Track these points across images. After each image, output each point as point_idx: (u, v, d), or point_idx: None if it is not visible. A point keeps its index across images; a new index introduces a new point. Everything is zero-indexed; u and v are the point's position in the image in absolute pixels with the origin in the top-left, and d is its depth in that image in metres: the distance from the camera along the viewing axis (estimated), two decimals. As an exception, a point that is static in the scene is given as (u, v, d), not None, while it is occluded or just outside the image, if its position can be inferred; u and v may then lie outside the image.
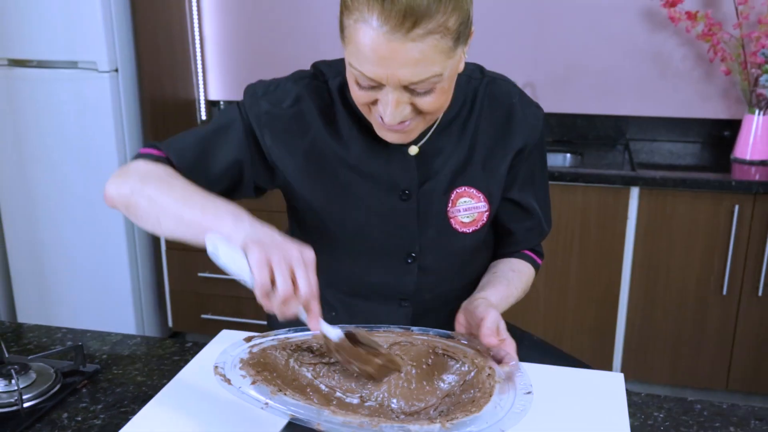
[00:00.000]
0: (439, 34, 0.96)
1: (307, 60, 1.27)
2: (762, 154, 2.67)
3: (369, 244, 1.23)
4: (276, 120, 1.18)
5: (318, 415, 0.88)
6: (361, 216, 1.22)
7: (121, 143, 2.82)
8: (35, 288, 3.06)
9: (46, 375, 1.16)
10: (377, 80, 1.00)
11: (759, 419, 1.08)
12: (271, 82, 1.21)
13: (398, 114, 1.03)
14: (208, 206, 1.00)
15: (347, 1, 0.98)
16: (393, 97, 1.01)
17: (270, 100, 1.18)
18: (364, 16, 0.95)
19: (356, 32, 0.97)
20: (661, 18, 2.86)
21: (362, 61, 0.99)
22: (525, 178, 1.28)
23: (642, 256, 2.57)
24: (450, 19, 0.96)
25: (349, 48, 1.01)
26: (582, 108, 3.06)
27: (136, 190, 1.06)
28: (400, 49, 0.95)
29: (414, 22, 0.93)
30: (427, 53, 0.97)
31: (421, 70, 0.98)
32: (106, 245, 2.92)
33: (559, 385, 1.13)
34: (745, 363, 2.61)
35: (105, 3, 2.68)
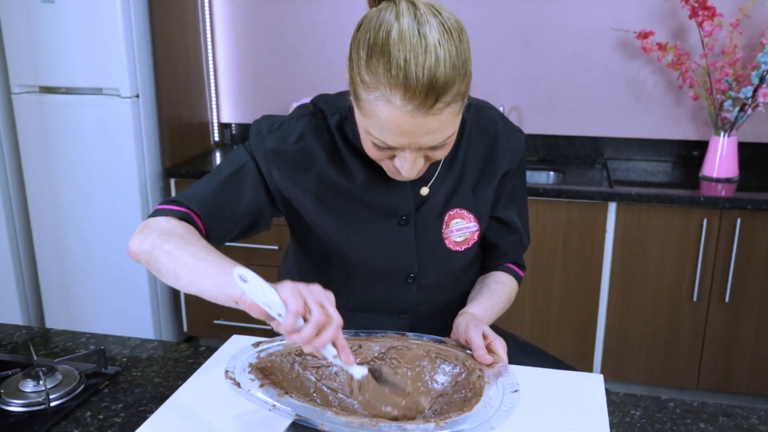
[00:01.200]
0: (453, 104, 0.96)
1: (310, 87, 1.28)
2: (727, 173, 2.67)
3: (372, 266, 1.23)
4: (282, 156, 1.16)
5: (321, 416, 0.87)
6: (364, 242, 1.21)
7: (141, 162, 2.82)
8: (62, 296, 3.05)
9: (71, 376, 1.16)
10: (398, 147, 0.99)
11: (726, 416, 1.08)
12: (275, 120, 1.18)
13: (415, 169, 1.03)
14: (224, 265, 0.96)
15: (365, 78, 0.95)
16: (411, 157, 1.01)
17: (275, 137, 1.16)
18: (386, 95, 0.93)
19: (377, 108, 0.95)
20: (634, 48, 2.88)
21: (384, 134, 0.97)
22: (508, 197, 1.28)
23: (619, 265, 2.57)
24: (462, 86, 0.96)
25: (368, 119, 0.98)
26: (564, 130, 3.07)
27: (156, 245, 1.03)
28: (422, 122, 0.94)
29: (435, 98, 0.92)
30: (445, 121, 0.97)
31: (439, 136, 0.98)
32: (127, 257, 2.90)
33: (544, 385, 1.13)
34: (713, 364, 2.60)
35: (128, 35, 2.69)
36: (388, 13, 0.94)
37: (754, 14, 2.68)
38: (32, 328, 1.40)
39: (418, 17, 0.92)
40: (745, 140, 2.87)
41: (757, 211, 2.42)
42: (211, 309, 2.97)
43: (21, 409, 1.08)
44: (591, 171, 2.91)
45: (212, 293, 0.95)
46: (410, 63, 0.90)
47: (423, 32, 0.91)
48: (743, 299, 2.52)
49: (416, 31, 0.91)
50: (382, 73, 0.92)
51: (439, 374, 1.02)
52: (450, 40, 0.93)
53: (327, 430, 0.86)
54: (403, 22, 0.92)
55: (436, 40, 0.91)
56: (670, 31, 2.85)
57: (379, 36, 0.93)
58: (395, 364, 1.04)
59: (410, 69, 0.90)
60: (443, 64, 0.91)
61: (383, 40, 0.92)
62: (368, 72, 0.94)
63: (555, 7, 2.93)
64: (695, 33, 2.75)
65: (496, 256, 1.35)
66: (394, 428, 0.84)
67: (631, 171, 2.84)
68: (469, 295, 1.30)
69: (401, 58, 0.90)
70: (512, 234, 1.32)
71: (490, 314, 1.23)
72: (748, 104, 2.60)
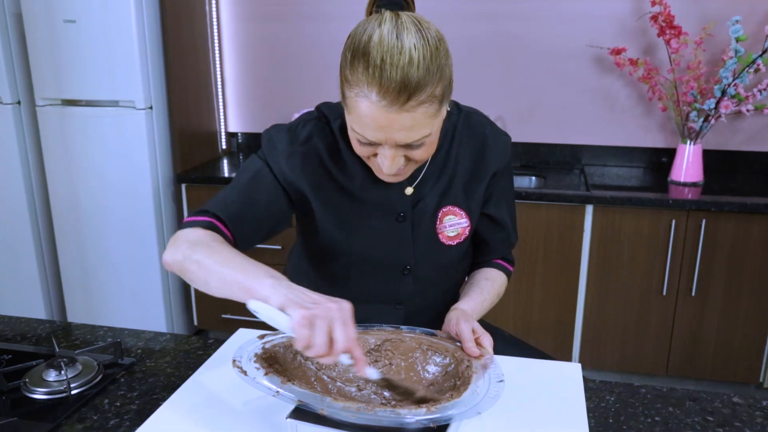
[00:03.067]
0: (428, 103, 0.96)
1: (310, 98, 1.28)
2: (693, 177, 2.68)
3: (370, 259, 1.23)
4: (292, 157, 1.16)
5: (321, 401, 0.87)
6: (364, 237, 1.21)
7: (154, 168, 2.82)
8: (81, 293, 3.04)
9: (90, 367, 1.15)
10: (377, 142, 1.00)
11: (692, 400, 1.08)
12: (283, 127, 1.20)
13: (395, 166, 1.03)
14: (248, 269, 0.97)
15: (348, 76, 0.97)
16: (390, 154, 1.01)
17: (284, 141, 1.17)
18: (364, 91, 0.95)
19: (357, 104, 0.97)
20: (608, 63, 2.89)
21: (363, 128, 0.99)
22: (498, 196, 1.29)
23: (596, 262, 2.58)
24: (437, 89, 0.97)
25: (351, 115, 1.00)
26: (544, 138, 3.08)
27: (186, 256, 1.03)
28: (396, 118, 0.96)
29: (408, 96, 0.94)
30: (419, 119, 0.97)
31: (414, 133, 0.98)
32: (141, 256, 2.91)
33: (527, 374, 1.13)
34: (681, 352, 2.61)
35: (142, 52, 2.69)
36: (374, 21, 0.97)
37: (716, 33, 2.70)
38: (54, 322, 1.39)
39: (398, 25, 0.95)
40: (708, 148, 2.89)
41: (720, 212, 2.42)
42: (220, 304, 2.96)
43: (44, 396, 1.08)
44: (569, 176, 2.91)
45: (240, 297, 0.96)
46: (386, 62, 0.93)
47: (401, 37, 0.94)
48: (708, 293, 2.53)
49: (394, 36, 0.94)
50: (361, 72, 0.94)
51: (430, 365, 1.02)
52: (426, 46, 0.95)
53: (326, 415, 0.86)
54: (384, 28, 0.95)
55: (412, 44, 0.94)
56: (640, 48, 2.86)
57: (362, 39, 0.96)
58: (390, 356, 1.04)
59: (385, 68, 0.92)
60: (416, 65, 0.93)
61: (365, 42, 0.95)
62: (351, 71, 0.96)
63: (536, 26, 2.94)
64: (663, 50, 2.76)
65: (486, 252, 1.35)
66: (388, 413, 0.84)
67: (606, 176, 2.85)
68: (461, 290, 1.29)
69: (378, 58, 0.93)
70: (501, 231, 1.32)
71: (479, 309, 1.23)
72: (711, 115, 2.62)
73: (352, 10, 3.05)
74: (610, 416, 1.03)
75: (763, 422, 1.02)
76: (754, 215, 2.41)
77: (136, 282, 2.95)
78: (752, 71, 2.55)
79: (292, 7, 3.13)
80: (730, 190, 2.59)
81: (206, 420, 0.99)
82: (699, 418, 1.03)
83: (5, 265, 3.11)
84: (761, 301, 2.50)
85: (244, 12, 3.20)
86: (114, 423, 1.01)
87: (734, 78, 2.56)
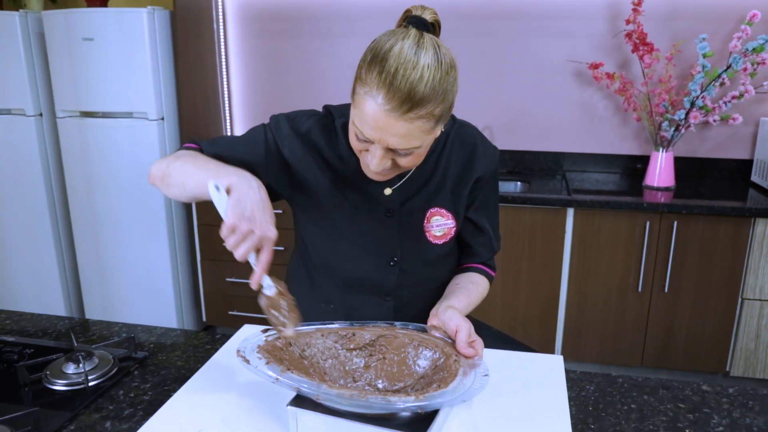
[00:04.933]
0: (425, 119, 0.98)
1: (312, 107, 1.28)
2: (666, 182, 2.69)
3: (361, 246, 1.23)
4: (293, 141, 1.19)
5: (318, 388, 0.87)
6: (356, 226, 1.22)
7: (166, 176, 2.81)
8: (98, 291, 3.04)
9: (106, 360, 1.15)
10: (371, 140, 1.01)
11: (666, 388, 1.08)
12: (291, 113, 1.23)
13: (381, 166, 1.04)
14: (220, 167, 1.03)
15: (362, 75, 0.98)
16: (379, 154, 1.02)
17: (289, 125, 1.20)
18: (372, 92, 0.96)
19: (364, 101, 0.98)
20: (587, 77, 2.90)
21: (363, 124, 1.00)
22: (480, 203, 1.28)
23: (576, 261, 2.58)
24: (437, 109, 0.98)
25: (355, 111, 1.01)
26: (529, 146, 3.08)
27: (170, 163, 1.09)
28: (394, 124, 0.97)
29: (409, 107, 0.95)
30: (413, 131, 0.98)
31: (405, 142, 1.00)
32: (154, 257, 2.90)
33: (512, 366, 1.13)
34: (655, 344, 2.61)
35: (154, 67, 2.69)
36: (399, 33, 0.98)
37: (685, 50, 2.71)
38: (73, 318, 1.39)
39: (419, 43, 0.96)
40: (679, 155, 2.90)
41: (690, 215, 2.43)
42: (227, 302, 2.96)
43: (64, 388, 1.07)
44: (552, 181, 2.92)
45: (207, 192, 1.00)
46: (398, 72, 0.94)
47: (418, 54, 0.95)
48: (680, 289, 2.53)
49: (413, 52, 0.95)
50: (375, 75, 0.96)
51: (421, 359, 1.02)
52: (438, 69, 0.96)
53: (322, 401, 0.86)
54: (406, 42, 0.96)
55: (426, 63, 0.95)
56: (616, 63, 2.87)
57: (383, 47, 0.97)
58: (384, 350, 1.04)
59: (397, 77, 0.94)
60: (425, 83, 0.95)
61: (385, 50, 0.96)
62: (366, 71, 0.97)
63: (519, 42, 2.95)
64: (637, 64, 2.77)
65: (469, 255, 1.34)
66: (380, 399, 0.84)
67: (586, 181, 2.85)
68: (448, 289, 1.28)
69: (393, 66, 0.94)
70: (482, 236, 1.31)
71: (466, 311, 1.22)
72: (681, 125, 2.62)
73: (350, 28, 3.06)
74: (590, 404, 1.03)
75: (729, 408, 1.03)
76: (721, 217, 2.41)
77: (149, 281, 2.94)
78: (718, 85, 2.56)
79: (294, 24, 3.13)
80: (699, 194, 2.60)
81: (214, 409, 0.99)
82: (671, 405, 1.03)
83: (28, 265, 3.10)
84: (728, 297, 2.50)
85: (250, 30, 3.20)
86: (128, 412, 1.01)
87: (702, 91, 2.57)
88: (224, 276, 2.92)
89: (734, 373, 2.58)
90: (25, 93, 2.85)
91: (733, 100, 2.59)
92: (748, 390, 1.08)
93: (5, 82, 2.85)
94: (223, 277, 2.92)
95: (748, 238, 2.42)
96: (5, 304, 3.16)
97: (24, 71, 2.82)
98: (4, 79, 2.85)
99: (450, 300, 1.19)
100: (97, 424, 0.98)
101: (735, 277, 2.47)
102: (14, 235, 3.06)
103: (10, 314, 1.41)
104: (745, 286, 2.48)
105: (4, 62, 2.82)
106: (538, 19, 2.90)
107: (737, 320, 2.53)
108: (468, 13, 2.95)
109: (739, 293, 2.49)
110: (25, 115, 2.88)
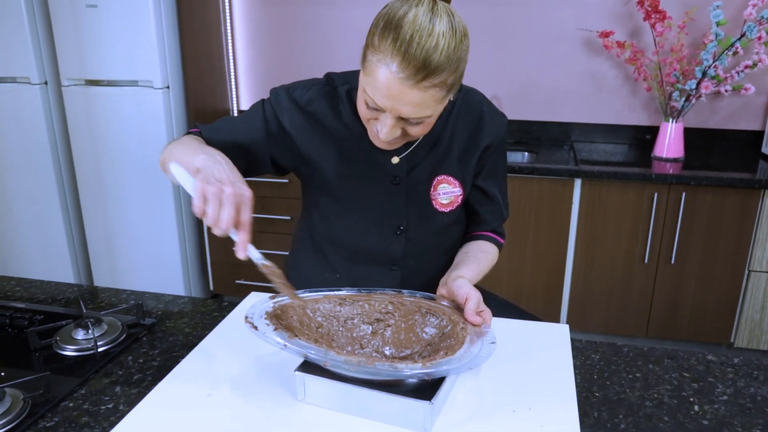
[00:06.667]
0: (439, 87, 0.96)
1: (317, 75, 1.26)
2: (675, 153, 2.67)
3: (367, 216, 1.23)
4: (294, 113, 1.18)
5: (325, 354, 0.88)
6: (361, 194, 1.21)
7: (172, 145, 2.81)
8: (106, 259, 3.06)
9: (115, 326, 1.16)
10: (382, 108, 0.99)
11: (670, 358, 1.09)
12: (290, 85, 1.21)
13: (391, 135, 1.03)
14: (198, 148, 1.01)
15: (375, 41, 0.96)
16: (390, 123, 1.01)
17: (290, 97, 1.18)
18: (386, 60, 0.94)
19: (377, 69, 0.96)
20: (597, 46, 2.85)
21: (375, 92, 0.98)
22: (489, 171, 1.27)
23: (583, 232, 2.57)
24: (450, 77, 0.97)
25: (366, 78, 0.99)
26: (536, 116, 3.05)
27: (168, 149, 1.08)
28: (407, 92, 0.95)
29: (424, 76, 0.94)
30: (426, 100, 0.97)
31: (417, 111, 0.98)
32: (161, 225, 2.92)
33: (519, 334, 1.13)
34: (660, 315, 2.62)
35: (159, 34, 2.66)
36: (412, 0, 0.96)
37: (698, 18, 2.66)
38: (82, 286, 1.40)
39: (434, 10, 0.94)
40: (689, 126, 2.86)
41: (699, 186, 2.41)
42: (234, 270, 2.98)
43: (74, 353, 1.09)
44: (560, 152, 2.90)
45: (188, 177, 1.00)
46: (414, 39, 0.92)
47: (433, 21, 0.93)
48: (686, 261, 2.53)
49: (428, 19, 0.93)
50: (389, 42, 0.94)
51: (428, 326, 1.02)
52: (452, 37, 0.94)
53: (329, 367, 0.87)
54: (420, 9, 0.94)
55: (441, 31, 0.93)
56: (627, 31, 2.82)
57: (397, 14, 0.95)
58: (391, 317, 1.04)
59: (412, 44, 0.92)
60: (440, 51, 0.93)
61: (399, 17, 0.94)
62: (379, 38, 0.95)
63: (528, 11, 2.90)
64: (649, 33, 2.72)
65: (478, 223, 1.33)
66: (386, 366, 0.85)
67: (594, 152, 2.83)
68: (457, 258, 1.27)
69: (408, 34, 0.92)
70: (491, 204, 1.31)
71: (476, 280, 1.21)
72: (692, 95, 2.59)
73: (356, -5, 3.02)
74: (595, 373, 1.04)
75: (733, 377, 1.03)
76: (730, 189, 2.40)
77: (156, 249, 2.96)
78: (731, 54, 2.52)
79: (300, -8, 3.09)
80: (708, 166, 2.58)
81: (222, 374, 1.00)
82: (676, 374, 1.04)
83: (37, 233, 3.12)
84: (734, 269, 2.50)
85: (255, -3, 3.16)
86: (137, 378, 1.02)
87: (714, 60, 2.52)
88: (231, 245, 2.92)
89: (738, 344, 2.59)
90: (30, 61, 2.83)
91: (746, 69, 2.55)
92: (752, 360, 1.08)
93: (9, 50, 2.83)
94: (231, 246, 2.92)
95: (756, 210, 2.40)
96: (15, 272, 3.19)
97: (28, 39, 2.80)
98: (9, 47, 2.83)
99: (459, 269, 1.18)
100: (106, 388, 0.99)
101: (742, 249, 2.46)
102: (22, 204, 3.07)
103: (20, 281, 1.42)
104: (752, 258, 2.47)
105: (8, 30, 2.80)
106: (548, -14, 2.85)
107: (743, 292, 2.53)
108: (477, -20, 2.90)
109: (746, 265, 2.49)
110: (30, 84, 2.86)
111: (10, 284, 1.41)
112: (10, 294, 1.35)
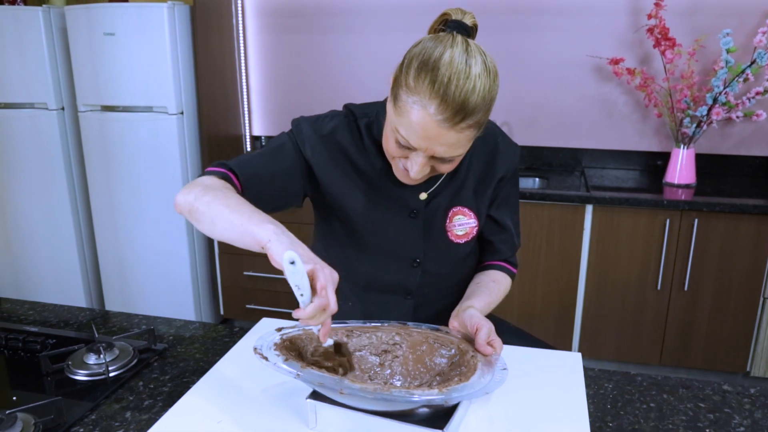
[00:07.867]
0: (474, 128, 0.98)
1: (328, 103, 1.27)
2: (686, 179, 2.66)
3: (384, 250, 1.22)
4: (316, 143, 1.16)
5: (340, 383, 0.87)
6: (379, 227, 1.21)
7: (184, 168, 2.83)
8: (119, 284, 3.07)
9: (126, 351, 1.16)
10: (416, 148, 1.00)
11: (685, 387, 1.07)
12: (311, 116, 1.20)
13: (421, 173, 1.04)
14: (254, 215, 0.94)
15: (409, 81, 0.96)
16: (421, 161, 1.01)
17: (312, 128, 1.17)
18: (424, 101, 0.94)
19: (412, 110, 0.96)
20: (607, 73, 2.87)
21: (409, 133, 0.98)
22: (502, 201, 1.28)
23: (595, 258, 2.56)
24: (483, 117, 0.98)
25: (400, 119, 0.99)
26: (548, 142, 3.06)
27: (198, 197, 0.99)
28: (444, 134, 0.96)
29: (462, 118, 0.95)
30: (461, 140, 0.98)
31: (452, 150, 0.99)
32: (173, 250, 2.93)
33: (531, 362, 1.12)
34: (674, 343, 2.59)
35: (174, 62, 2.70)
36: (446, 40, 0.96)
37: (708, 45, 2.67)
38: (94, 310, 1.40)
39: (468, 51, 0.95)
40: (701, 152, 2.86)
41: (711, 212, 2.40)
42: (244, 295, 2.98)
43: (85, 378, 1.09)
44: (571, 177, 2.89)
45: (243, 241, 0.93)
46: (452, 82, 0.93)
47: (469, 63, 0.94)
48: (699, 288, 2.50)
49: (464, 61, 0.94)
50: (426, 84, 0.94)
51: (437, 357, 1.02)
52: (487, 78, 0.96)
53: (345, 395, 0.86)
54: (455, 50, 0.95)
55: (477, 73, 0.94)
56: (637, 58, 2.84)
57: (432, 54, 0.95)
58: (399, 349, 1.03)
59: (450, 87, 0.93)
60: (477, 93, 0.94)
61: (435, 58, 0.94)
62: (415, 79, 0.95)
63: (539, 38, 2.92)
64: (659, 60, 2.73)
65: (491, 252, 1.33)
66: (403, 393, 0.84)
67: (605, 178, 2.83)
68: (469, 289, 1.27)
69: (446, 76, 0.93)
70: (503, 233, 1.31)
71: (487, 311, 1.21)
72: (703, 121, 2.59)
73: (369, 24, 3.05)
74: (609, 402, 1.03)
75: (750, 408, 1.01)
76: (743, 215, 2.38)
77: (168, 274, 2.97)
78: (742, 80, 2.52)
79: (313, 19, 3.13)
80: (720, 192, 2.56)
81: (232, 402, 1.00)
82: (691, 404, 1.02)
83: (50, 257, 3.14)
84: (749, 296, 2.47)
85: (269, 25, 3.20)
86: (148, 403, 1.02)
87: (725, 87, 2.53)
88: (242, 270, 2.94)
89: (755, 373, 2.55)
90: (48, 87, 2.88)
91: (757, 96, 2.55)
92: (770, 390, 1.06)
93: (28, 77, 2.89)
94: (241, 270, 2.94)
95: (770, 236, 2.38)
96: (28, 294, 3.21)
97: (47, 66, 2.86)
98: (28, 74, 2.88)
99: (470, 300, 1.18)
100: (117, 414, 0.99)
101: (757, 275, 2.44)
102: (36, 228, 3.10)
103: (33, 305, 1.43)
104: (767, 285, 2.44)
105: (28, 57, 2.86)
106: (557, 14, 2.87)
107: (759, 319, 2.49)
108: (487, 8, 2.93)
109: (761, 292, 2.46)
110: (47, 109, 2.91)
111: (24, 308, 1.42)
112: (23, 317, 1.36)
